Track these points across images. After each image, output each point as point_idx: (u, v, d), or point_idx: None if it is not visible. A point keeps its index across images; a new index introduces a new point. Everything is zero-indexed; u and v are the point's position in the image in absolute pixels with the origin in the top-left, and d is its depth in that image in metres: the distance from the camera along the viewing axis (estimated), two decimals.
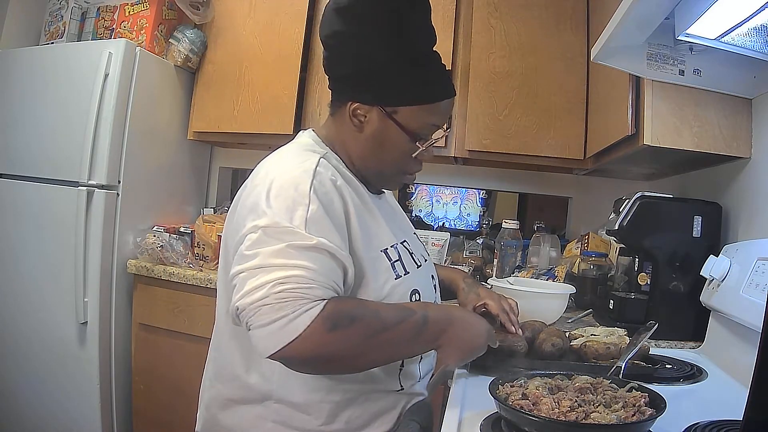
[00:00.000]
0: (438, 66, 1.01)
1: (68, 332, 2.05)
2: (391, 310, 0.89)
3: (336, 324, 0.80)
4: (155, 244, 2.12)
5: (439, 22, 2.15)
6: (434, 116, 1.00)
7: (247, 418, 0.97)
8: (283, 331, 0.77)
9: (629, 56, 1.31)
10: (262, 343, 0.79)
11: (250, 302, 0.78)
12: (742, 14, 1.04)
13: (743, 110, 1.40)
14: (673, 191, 1.62)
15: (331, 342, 0.80)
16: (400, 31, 0.94)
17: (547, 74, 2.09)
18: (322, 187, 0.89)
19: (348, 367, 0.91)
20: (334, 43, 0.98)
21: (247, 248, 0.83)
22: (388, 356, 0.92)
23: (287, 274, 0.79)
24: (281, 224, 0.83)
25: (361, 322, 0.83)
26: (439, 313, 0.94)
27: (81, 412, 2.06)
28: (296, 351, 0.78)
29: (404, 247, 1.04)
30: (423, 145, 1.00)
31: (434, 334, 0.91)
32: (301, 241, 0.82)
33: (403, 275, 0.99)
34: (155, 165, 2.32)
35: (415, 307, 0.92)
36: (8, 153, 2.20)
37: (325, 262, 0.83)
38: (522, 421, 0.76)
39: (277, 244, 0.81)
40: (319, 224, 0.85)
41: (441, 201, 4.82)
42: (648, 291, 1.51)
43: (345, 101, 0.99)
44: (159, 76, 2.27)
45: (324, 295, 0.81)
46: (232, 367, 0.99)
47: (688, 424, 0.82)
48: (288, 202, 0.85)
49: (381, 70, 0.96)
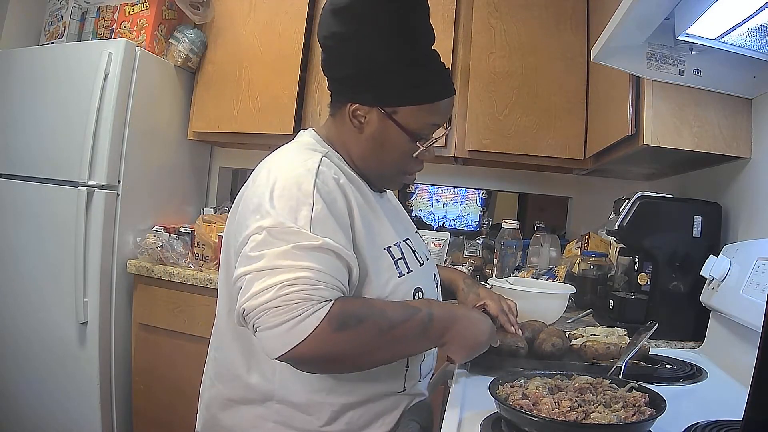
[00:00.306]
0: (437, 65, 1.01)
1: (68, 332, 2.05)
2: (397, 308, 0.89)
3: (344, 324, 0.80)
4: (155, 244, 2.12)
5: (439, 22, 2.19)
6: (434, 116, 0.99)
7: (248, 418, 0.97)
8: (291, 332, 0.77)
9: (629, 56, 1.31)
10: (271, 344, 0.79)
11: (258, 305, 0.78)
12: (742, 14, 1.04)
13: (743, 110, 1.40)
14: (673, 191, 1.62)
15: (339, 342, 0.80)
16: (398, 31, 0.94)
17: (547, 74, 2.09)
18: (325, 186, 0.89)
19: (355, 366, 0.91)
20: (332, 44, 0.98)
21: (252, 249, 0.83)
22: (394, 354, 0.92)
23: (294, 276, 0.79)
24: (286, 225, 0.83)
25: (368, 321, 0.84)
26: (443, 311, 0.94)
27: (81, 412, 2.06)
28: (305, 352, 0.78)
29: (407, 245, 1.04)
30: (423, 145, 1.00)
31: (439, 331, 0.92)
32: (307, 241, 0.82)
33: (406, 273, 0.99)
34: (155, 165, 2.32)
35: (419, 305, 0.92)
36: (8, 153, 2.20)
37: (330, 262, 0.83)
38: (522, 421, 0.76)
39: (282, 245, 0.81)
40: (323, 224, 0.85)
41: (441, 201, 4.82)
42: (648, 291, 1.51)
43: (344, 102, 0.99)
44: (159, 76, 2.27)
45: (331, 296, 0.81)
46: (233, 367, 0.99)
47: (688, 424, 0.82)
48: (292, 202, 0.85)
49: (380, 71, 0.95)
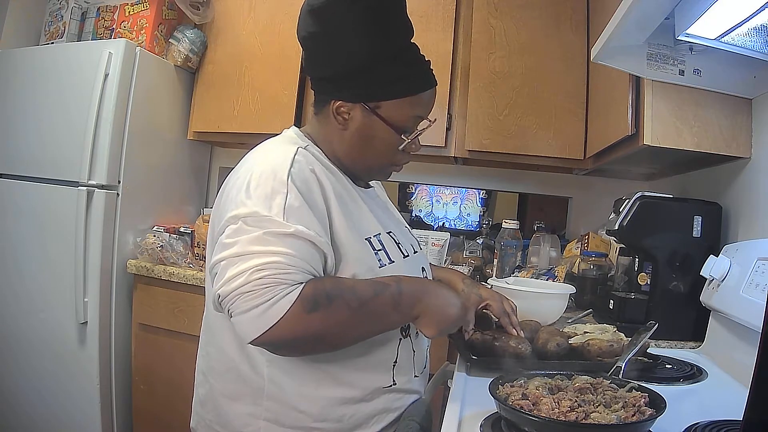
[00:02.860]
0: (417, 58, 1.02)
1: (68, 332, 2.05)
2: (367, 285, 0.90)
3: (315, 304, 0.82)
4: (155, 244, 2.12)
5: (439, 22, 2.19)
6: (418, 108, 1.01)
7: (239, 416, 0.97)
8: (264, 316, 0.80)
9: (629, 56, 1.31)
10: (245, 328, 0.81)
11: (231, 290, 0.80)
12: (742, 14, 1.04)
13: (743, 110, 1.40)
14: (673, 191, 1.62)
15: (311, 322, 0.82)
16: (375, 27, 0.95)
17: (547, 74, 2.09)
18: (300, 174, 0.91)
19: (331, 345, 0.92)
20: (312, 44, 0.99)
21: (227, 237, 0.86)
22: (369, 330, 0.93)
23: (266, 261, 0.81)
24: (260, 213, 0.85)
25: (339, 299, 0.85)
26: (412, 285, 0.95)
27: (81, 412, 2.06)
28: (278, 335, 0.81)
29: (390, 237, 1.05)
30: (409, 138, 1.01)
31: (409, 304, 0.92)
32: (279, 228, 0.84)
33: (387, 264, 1.00)
34: (155, 165, 2.32)
35: (389, 281, 0.92)
36: (8, 153, 2.20)
37: (303, 247, 0.85)
38: (522, 421, 0.76)
39: (255, 231, 0.83)
40: (297, 212, 0.87)
41: (441, 201, 4.82)
42: (648, 291, 1.51)
43: (328, 100, 1.01)
44: (159, 76, 2.27)
45: (302, 279, 0.83)
46: (225, 359, 0.99)
47: (688, 424, 0.82)
48: (267, 190, 0.87)
49: (360, 68, 0.97)
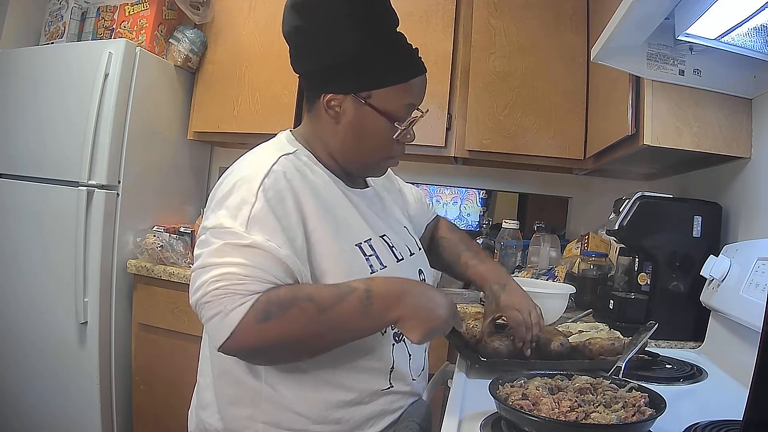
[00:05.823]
0: (404, 46, 1.02)
1: (68, 332, 2.05)
2: (328, 290, 0.88)
3: (267, 314, 0.82)
4: (155, 244, 2.12)
5: (439, 22, 2.19)
6: (409, 95, 1.00)
7: (238, 418, 0.97)
8: (220, 326, 0.81)
9: (629, 56, 1.31)
10: (211, 336, 0.84)
11: (196, 300, 0.83)
12: (742, 14, 1.04)
13: (743, 110, 1.40)
14: (673, 191, 1.62)
15: (265, 332, 0.82)
16: (359, 18, 0.95)
17: (547, 74, 2.09)
18: (274, 184, 0.90)
19: (295, 354, 0.91)
20: (297, 39, 0.99)
21: (197, 247, 0.88)
22: (337, 338, 0.89)
23: (221, 272, 0.82)
24: (224, 225, 0.86)
25: (293, 307, 0.83)
26: (386, 286, 0.90)
27: (81, 412, 2.05)
28: (235, 345, 0.82)
29: (383, 241, 1.04)
30: (402, 126, 1.01)
31: (382, 308, 0.87)
32: (237, 240, 0.84)
33: (379, 269, 0.99)
34: (155, 165, 2.32)
35: (357, 284, 0.88)
36: (8, 153, 2.20)
37: (261, 257, 0.84)
38: (522, 421, 0.76)
39: (217, 243, 0.85)
40: (261, 222, 0.86)
41: (441, 201, 4.80)
42: (648, 291, 1.51)
43: (318, 95, 1.00)
44: (159, 76, 2.27)
45: (260, 289, 0.83)
46: (223, 364, 0.99)
47: (688, 424, 0.82)
48: (237, 200, 0.88)
49: (348, 59, 0.96)
